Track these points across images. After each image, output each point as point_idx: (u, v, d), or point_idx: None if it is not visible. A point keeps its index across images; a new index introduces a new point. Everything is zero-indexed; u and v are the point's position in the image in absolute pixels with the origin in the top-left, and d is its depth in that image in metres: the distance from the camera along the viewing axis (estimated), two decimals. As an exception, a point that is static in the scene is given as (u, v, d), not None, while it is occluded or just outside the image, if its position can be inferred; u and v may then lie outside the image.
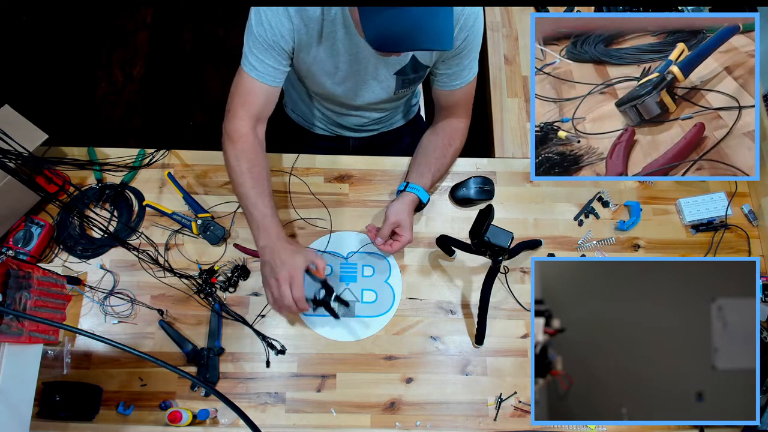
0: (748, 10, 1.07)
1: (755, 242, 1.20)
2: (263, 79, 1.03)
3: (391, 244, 1.10)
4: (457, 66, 1.09)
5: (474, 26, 1.02)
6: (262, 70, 1.02)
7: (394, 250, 1.10)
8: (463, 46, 1.04)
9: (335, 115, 1.30)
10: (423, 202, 1.14)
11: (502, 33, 1.44)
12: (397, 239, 1.10)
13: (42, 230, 1.09)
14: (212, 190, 1.20)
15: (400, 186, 1.15)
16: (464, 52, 1.06)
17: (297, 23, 0.98)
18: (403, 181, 1.16)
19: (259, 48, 1.00)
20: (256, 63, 1.02)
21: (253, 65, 1.02)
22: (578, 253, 1.18)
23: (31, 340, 0.89)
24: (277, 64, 1.03)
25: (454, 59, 1.07)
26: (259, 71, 1.02)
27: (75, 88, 2.25)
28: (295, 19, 0.97)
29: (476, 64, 1.11)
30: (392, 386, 1.07)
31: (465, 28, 1.01)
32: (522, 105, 1.36)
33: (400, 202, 1.10)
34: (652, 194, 1.23)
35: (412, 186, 1.12)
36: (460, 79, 1.12)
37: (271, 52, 1.01)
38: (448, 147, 1.18)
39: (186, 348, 1.06)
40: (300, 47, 1.03)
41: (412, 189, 1.12)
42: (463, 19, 0.99)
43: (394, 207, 1.10)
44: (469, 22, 1.01)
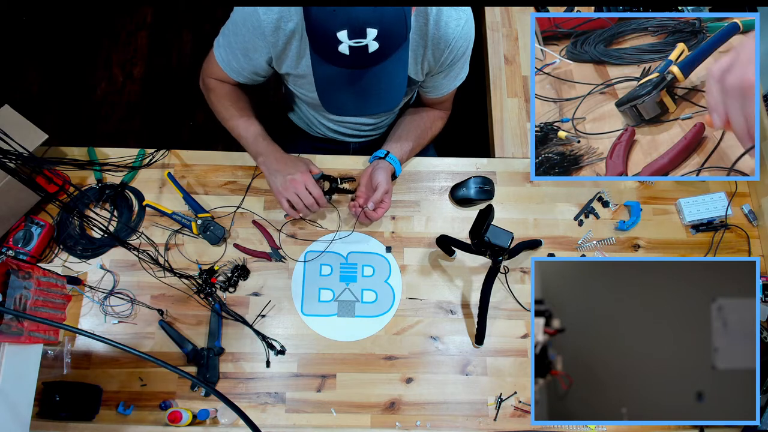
0: (748, 10, 1.07)
1: (755, 242, 1.20)
2: (230, 73, 1.08)
3: (377, 210, 1.12)
4: (445, 78, 1.10)
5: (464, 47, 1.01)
6: (229, 67, 1.07)
7: (379, 216, 1.13)
8: (452, 64, 1.04)
9: (331, 122, 1.30)
10: (396, 175, 1.18)
11: (502, 33, 1.44)
12: (381, 205, 1.12)
13: (42, 230, 1.09)
14: (212, 190, 1.20)
15: (379, 153, 1.17)
16: (455, 68, 1.07)
17: (273, 40, 0.97)
18: (383, 149, 1.18)
19: (231, 48, 1.03)
20: (225, 55, 1.06)
21: (222, 57, 1.06)
22: (578, 253, 1.18)
23: (31, 340, 0.89)
24: (241, 69, 1.07)
25: (442, 74, 1.08)
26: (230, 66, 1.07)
27: (75, 88, 2.25)
28: (271, 38, 0.96)
29: (465, 71, 1.12)
30: (392, 386, 1.07)
31: (455, 50, 1.00)
32: (522, 105, 1.36)
33: (384, 171, 1.12)
34: (652, 194, 1.23)
35: (392, 157, 1.16)
36: (447, 88, 1.13)
37: (240, 57, 1.04)
38: (428, 130, 1.23)
39: (186, 348, 1.06)
40: (280, 61, 1.03)
41: (391, 160, 1.16)
42: (453, 42, 0.98)
43: (381, 175, 1.11)
44: (459, 44, 0.99)
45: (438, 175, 1.24)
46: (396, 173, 1.17)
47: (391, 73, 0.83)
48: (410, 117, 1.24)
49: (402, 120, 1.24)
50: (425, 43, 0.98)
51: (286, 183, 1.07)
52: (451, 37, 0.97)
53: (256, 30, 0.95)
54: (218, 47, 1.07)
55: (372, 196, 1.10)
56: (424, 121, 1.22)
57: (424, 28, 0.96)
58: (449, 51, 0.99)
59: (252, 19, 0.94)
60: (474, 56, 1.09)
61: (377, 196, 1.10)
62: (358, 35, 0.74)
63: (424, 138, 1.22)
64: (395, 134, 1.21)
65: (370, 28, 0.73)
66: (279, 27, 0.94)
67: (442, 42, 0.97)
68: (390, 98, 0.88)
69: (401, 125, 1.23)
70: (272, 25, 0.94)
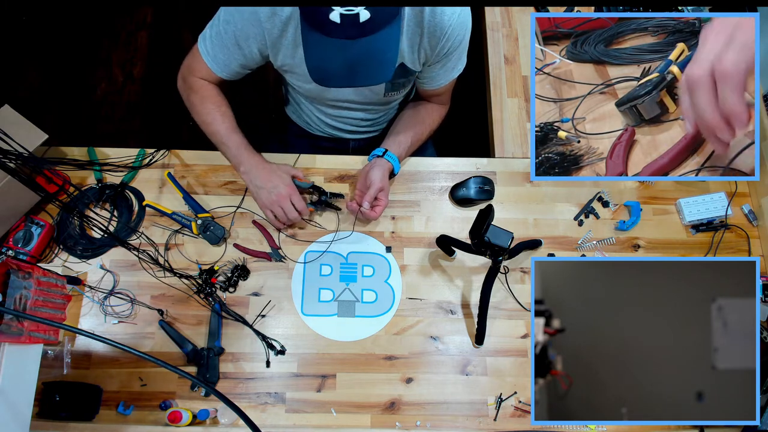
0: (748, 10, 1.07)
1: (755, 242, 1.20)
2: (214, 67, 1.08)
3: (374, 208, 1.12)
4: (442, 68, 1.09)
5: (461, 36, 1.01)
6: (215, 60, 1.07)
7: (377, 215, 1.13)
8: (449, 54, 1.04)
9: (329, 117, 1.30)
10: (394, 173, 1.18)
11: (502, 33, 1.44)
12: (378, 203, 1.12)
13: (42, 230, 1.09)
14: (212, 190, 1.20)
15: (378, 151, 1.16)
16: (451, 58, 1.07)
17: (269, 27, 0.97)
18: (381, 147, 1.18)
19: (221, 38, 1.03)
20: (212, 48, 1.05)
21: (208, 50, 1.06)
22: (578, 253, 1.18)
23: (31, 340, 0.89)
24: (228, 61, 1.06)
25: (439, 64, 1.08)
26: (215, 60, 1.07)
27: (75, 88, 2.25)
28: (267, 24, 0.96)
29: (462, 62, 1.11)
30: (392, 386, 1.07)
31: (451, 38, 1.00)
32: (522, 105, 1.36)
33: (381, 169, 1.12)
34: (652, 194, 1.23)
35: (390, 155, 1.16)
36: (445, 79, 1.13)
37: (230, 47, 1.03)
38: (427, 125, 1.22)
39: (186, 348, 1.06)
40: (275, 49, 1.03)
41: (389, 158, 1.15)
42: (449, 30, 0.98)
43: (376, 173, 1.12)
44: (455, 33, 0.99)
45: (438, 175, 1.24)
46: (394, 171, 1.17)
47: (380, 47, 0.83)
48: (408, 112, 1.24)
49: (400, 116, 1.25)
50: (421, 31, 0.98)
51: (271, 198, 1.08)
52: (447, 24, 0.97)
53: (251, 16, 0.95)
54: (203, 40, 1.06)
55: (367, 194, 1.10)
56: (422, 116, 1.22)
57: (420, 16, 0.96)
58: (446, 39, 0.99)
59: (247, 7, 0.95)
60: (474, 56, 1.09)
61: (371, 194, 1.10)
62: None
63: (422, 133, 1.22)
64: (393, 131, 1.21)
65: None
66: (275, 13, 0.95)
67: (438, 30, 0.97)
68: (378, 72, 0.87)
69: (399, 121, 1.23)
70: (268, 11, 0.94)
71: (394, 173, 1.18)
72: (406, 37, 0.99)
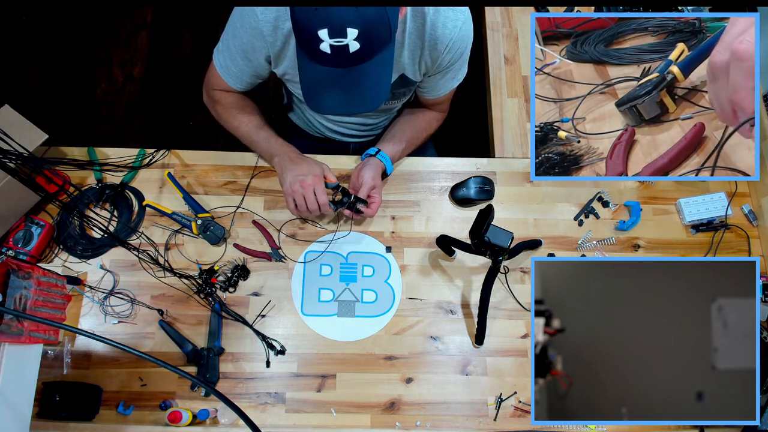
0: (748, 10, 1.07)
1: (755, 242, 1.20)
2: (229, 80, 1.09)
3: (369, 206, 1.12)
4: (442, 79, 1.09)
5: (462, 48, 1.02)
6: (228, 73, 1.08)
7: (373, 212, 1.13)
8: (450, 65, 1.04)
9: (329, 122, 1.30)
10: (387, 173, 1.18)
11: (502, 33, 1.44)
12: (372, 201, 1.13)
13: (42, 230, 1.09)
14: (212, 190, 1.20)
15: (371, 150, 1.17)
16: (452, 69, 1.07)
17: (271, 40, 0.97)
18: (374, 146, 1.18)
19: (230, 51, 1.04)
20: (224, 61, 1.06)
21: (221, 63, 1.07)
22: (578, 253, 1.18)
23: (31, 340, 0.89)
24: (240, 73, 1.07)
25: (439, 75, 1.08)
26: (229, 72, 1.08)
27: (75, 88, 2.25)
28: (270, 37, 0.97)
29: (463, 72, 1.11)
30: (392, 386, 1.07)
31: (452, 51, 1.00)
32: (522, 105, 1.36)
33: (373, 168, 1.13)
34: (652, 194, 1.23)
35: (383, 155, 1.16)
36: (445, 89, 1.13)
37: (239, 60, 1.04)
38: (423, 131, 1.23)
39: (186, 348, 1.06)
40: (278, 60, 1.03)
41: (382, 158, 1.15)
42: (450, 44, 0.98)
43: (368, 172, 1.12)
44: (456, 46, 0.99)
45: (438, 175, 1.24)
46: (387, 171, 1.17)
47: (373, 74, 0.83)
48: (406, 117, 1.24)
49: (398, 120, 1.25)
50: (422, 43, 0.98)
51: (296, 183, 1.06)
52: (449, 38, 0.97)
53: (254, 31, 0.96)
54: (217, 53, 1.08)
55: (359, 192, 1.11)
56: (420, 122, 1.22)
57: (421, 29, 0.96)
58: (447, 52, 0.99)
59: (250, 20, 0.95)
60: (474, 56, 1.09)
61: (363, 192, 1.10)
62: (338, 35, 0.74)
63: (418, 138, 1.22)
64: (389, 133, 1.21)
65: (350, 27, 0.73)
66: (277, 26, 0.95)
67: (439, 43, 0.97)
68: (373, 99, 0.88)
69: (396, 125, 1.23)
70: (270, 25, 0.94)
71: (387, 173, 1.18)
72: (408, 49, 0.99)
